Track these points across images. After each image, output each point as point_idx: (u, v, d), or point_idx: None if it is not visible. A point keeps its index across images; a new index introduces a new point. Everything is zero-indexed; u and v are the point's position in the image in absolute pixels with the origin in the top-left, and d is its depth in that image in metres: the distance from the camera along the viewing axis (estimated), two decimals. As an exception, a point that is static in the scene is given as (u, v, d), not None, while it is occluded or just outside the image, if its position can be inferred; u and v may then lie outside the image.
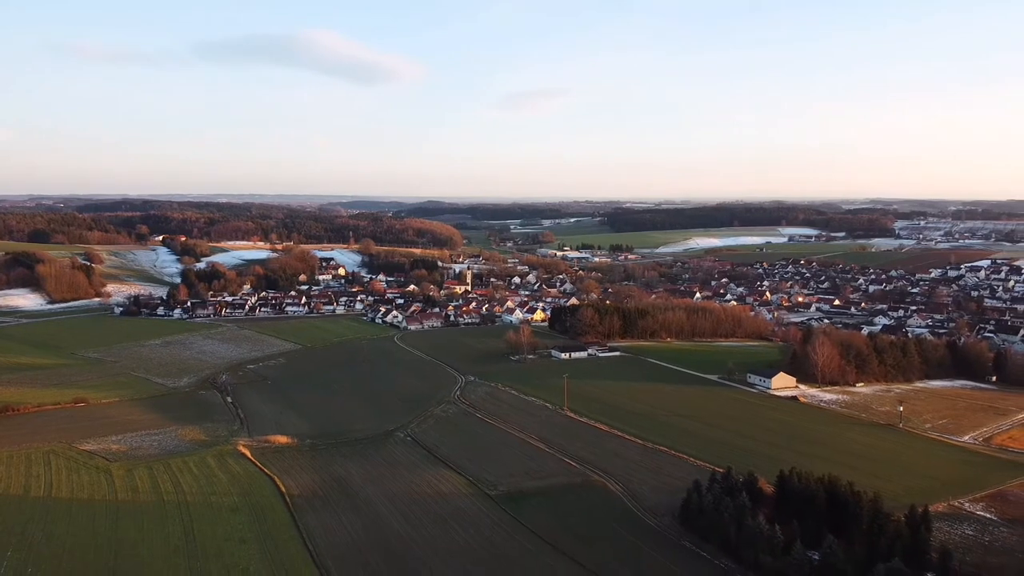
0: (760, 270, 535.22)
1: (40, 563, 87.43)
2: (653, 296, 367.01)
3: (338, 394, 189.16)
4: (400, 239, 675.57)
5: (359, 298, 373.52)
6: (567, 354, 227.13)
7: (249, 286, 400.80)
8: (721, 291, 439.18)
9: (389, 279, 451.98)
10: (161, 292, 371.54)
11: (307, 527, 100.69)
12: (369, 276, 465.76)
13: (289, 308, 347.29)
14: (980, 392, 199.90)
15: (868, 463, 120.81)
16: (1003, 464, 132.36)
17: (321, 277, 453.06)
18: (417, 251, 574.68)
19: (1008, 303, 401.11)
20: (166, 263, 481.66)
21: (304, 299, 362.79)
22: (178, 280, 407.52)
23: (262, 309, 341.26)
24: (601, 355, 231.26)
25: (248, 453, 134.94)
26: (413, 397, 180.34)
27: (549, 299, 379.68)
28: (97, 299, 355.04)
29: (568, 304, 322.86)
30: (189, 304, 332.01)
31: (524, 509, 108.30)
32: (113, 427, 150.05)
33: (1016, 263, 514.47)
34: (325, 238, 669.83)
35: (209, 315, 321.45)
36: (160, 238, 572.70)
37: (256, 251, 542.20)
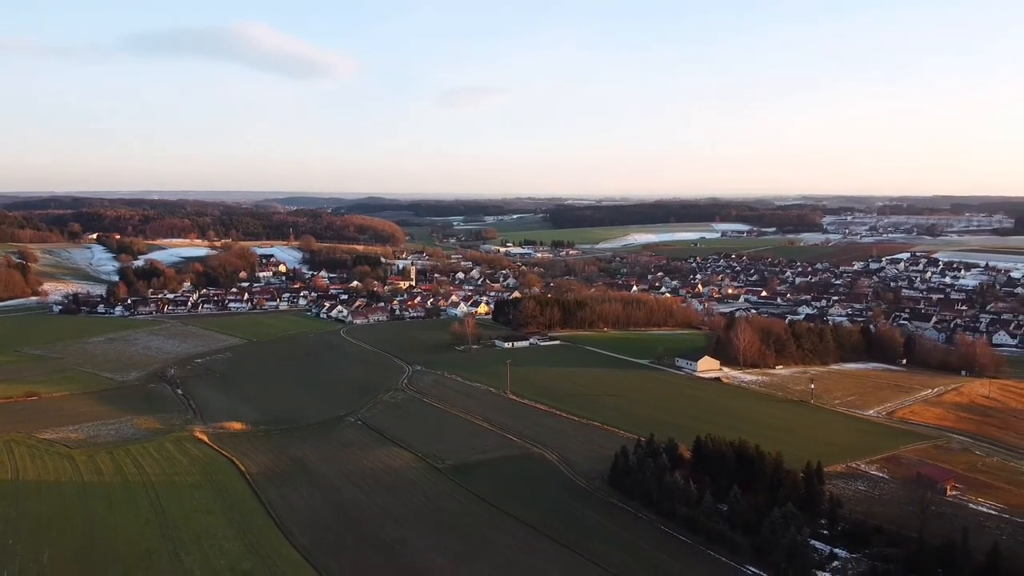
0: (694, 264, 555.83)
1: (19, 536, 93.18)
2: (592, 289, 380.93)
3: (288, 385, 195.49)
4: (341, 236, 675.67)
5: (302, 294, 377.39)
6: (510, 343, 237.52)
7: (189, 283, 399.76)
8: (656, 284, 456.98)
9: (331, 275, 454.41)
10: (99, 290, 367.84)
11: (269, 500, 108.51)
12: (311, 273, 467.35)
13: (232, 305, 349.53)
14: (889, 373, 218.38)
15: (778, 433, 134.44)
16: (900, 433, 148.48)
17: (262, 274, 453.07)
18: (359, 248, 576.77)
19: (924, 293, 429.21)
20: (102, 261, 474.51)
21: (247, 296, 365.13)
22: (116, 278, 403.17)
23: (204, 306, 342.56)
24: (542, 344, 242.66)
25: (205, 438, 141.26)
26: (362, 386, 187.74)
27: (492, 293, 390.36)
28: (35, 298, 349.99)
29: (511, 297, 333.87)
30: (130, 302, 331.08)
31: (470, 478, 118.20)
32: (69, 418, 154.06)
33: (934, 255, 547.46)
34: (264, 235, 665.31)
35: (151, 312, 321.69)
36: (94, 236, 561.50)
37: (194, 248, 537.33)
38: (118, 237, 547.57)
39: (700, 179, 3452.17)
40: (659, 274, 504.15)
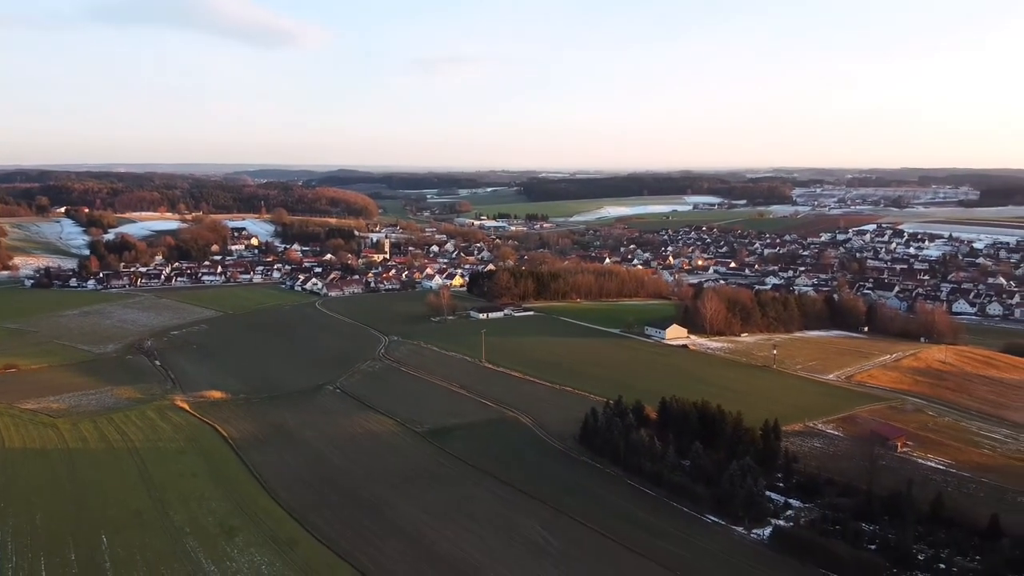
0: (665, 236, 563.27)
1: (10, 500, 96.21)
2: (566, 262, 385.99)
3: (266, 355, 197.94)
4: (313, 209, 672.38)
5: (276, 267, 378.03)
6: (485, 314, 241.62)
7: (161, 257, 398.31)
8: (629, 256, 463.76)
9: (304, 249, 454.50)
10: (70, 264, 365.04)
11: (253, 463, 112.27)
12: (284, 246, 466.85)
13: (205, 277, 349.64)
14: (851, 340, 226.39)
15: (740, 395, 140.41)
16: (858, 395, 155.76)
17: (234, 247, 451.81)
18: (332, 220, 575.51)
19: (888, 263, 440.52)
20: (72, 235, 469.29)
21: (220, 268, 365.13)
22: (87, 252, 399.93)
23: (178, 279, 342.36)
24: (516, 315, 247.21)
25: (186, 407, 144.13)
26: (339, 356, 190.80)
27: (467, 266, 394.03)
28: (5, 272, 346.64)
29: (485, 270, 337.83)
30: (103, 275, 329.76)
31: (448, 441, 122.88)
32: (49, 389, 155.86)
33: (900, 227, 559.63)
34: (235, 208, 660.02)
35: (124, 286, 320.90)
36: (63, 210, 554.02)
37: (165, 222, 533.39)
38: (87, 211, 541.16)
39: (674, 152, 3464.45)
40: (631, 246, 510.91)
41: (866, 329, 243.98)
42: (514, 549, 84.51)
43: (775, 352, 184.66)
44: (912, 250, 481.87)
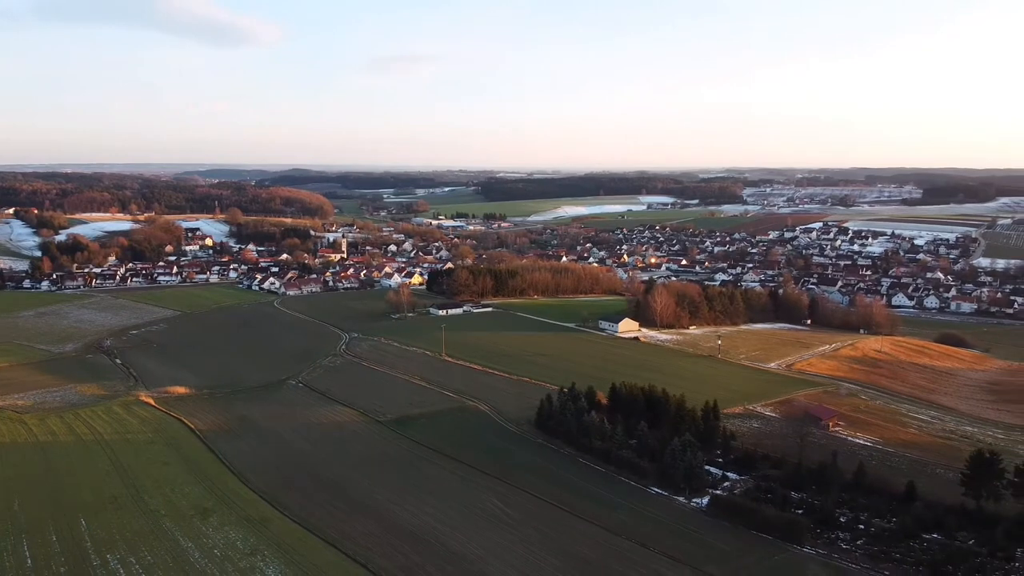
0: (620, 235, 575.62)
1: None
2: (524, 260, 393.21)
3: (227, 353, 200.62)
4: (267, 208, 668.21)
5: (232, 267, 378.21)
6: (444, 311, 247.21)
7: (114, 258, 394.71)
8: (585, 255, 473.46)
9: (260, 249, 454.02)
10: (21, 266, 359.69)
11: (221, 451, 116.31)
12: (239, 246, 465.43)
13: (161, 278, 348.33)
14: (793, 332, 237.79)
15: (686, 382, 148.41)
16: (796, 381, 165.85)
17: (188, 248, 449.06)
18: (288, 220, 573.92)
19: (833, 260, 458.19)
20: (22, 236, 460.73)
21: (176, 269, 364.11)
22: (38, 253, 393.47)
23: (133, 279, 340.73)
24: (475, 311, 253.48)
25: (151, 401, 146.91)
26: (300, 352, 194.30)
27: (426, 265, 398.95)
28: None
29: (444, 268, 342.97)
30: (56, 276, 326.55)
31: (410, 429, 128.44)
32: (11, 387, 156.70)
33: (845, 225, 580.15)
34: (188, 208, 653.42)
35: (79, 286, 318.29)
36: (11, 211, 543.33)
37: (117, 222, 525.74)
38: (37, 212, 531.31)
39: (630, 153, 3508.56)
40: (588, 245, 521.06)
41: (809, 322, 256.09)
42: (473, 520, 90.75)
43: (720, 343, 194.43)
44: (856, 247, 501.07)
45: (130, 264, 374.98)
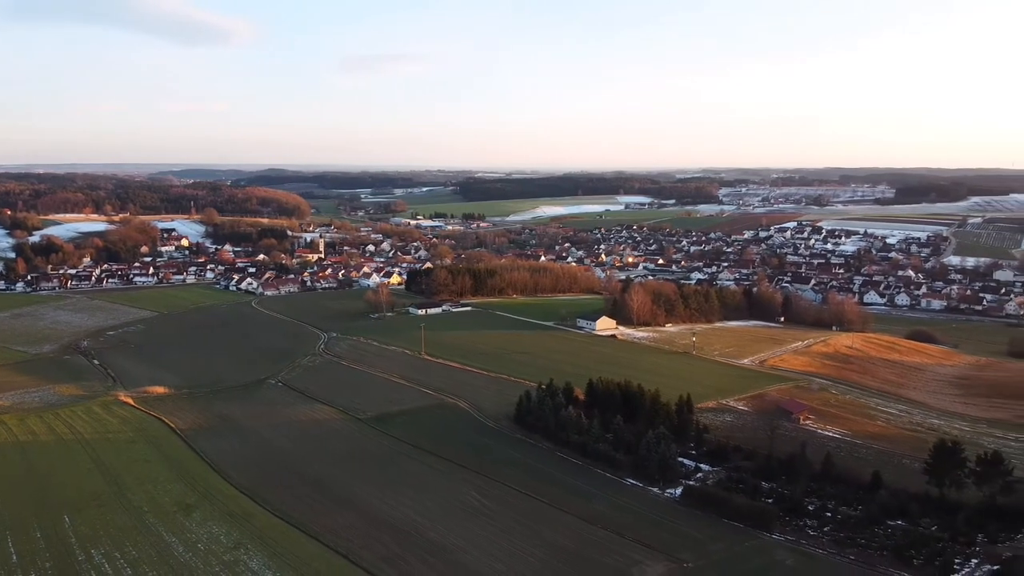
0: (598, 235, 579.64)
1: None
2: (503, 260, 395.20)
3: (205, 353, 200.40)
4: (244, 209, 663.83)
5: (209, 267, 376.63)
6: (423, 310, 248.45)
7: (89, 259, 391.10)
8: (563, 254, 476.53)
9: (236, 249, 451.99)
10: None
11: (202, 449, 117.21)
12: (215, 247, 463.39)
13: (137, 279, 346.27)
14: (767, 329, 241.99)
15: (662, 378, 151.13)
16: (768, 377, 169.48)
17: (164, 248, 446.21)
18: (264, 221, 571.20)
19: (807, 258, 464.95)
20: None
21: (152, 269, 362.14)
22: (12, 255, 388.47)
23: (109, 280, 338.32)
24: (454, 310, 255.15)
25: (131, 401, 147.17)
26: (280, 352, 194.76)
27: (404, 264, 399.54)
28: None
29: (423, 268, 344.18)
30: (31, 278, 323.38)
31: (390, 426, 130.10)
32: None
33: (819, 224, 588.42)
34: (163, 208, 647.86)
35: (54, 288, 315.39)
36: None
37: (92, 223, 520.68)
38: (10, 213, 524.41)
39: (607, 153, 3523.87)
40: (566, 245, 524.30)
41: (782, 319, 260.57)
42: (453, 512, 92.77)
43: (695, 340, 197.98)
44: (829, 246, 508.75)
45: (105, 265, 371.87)
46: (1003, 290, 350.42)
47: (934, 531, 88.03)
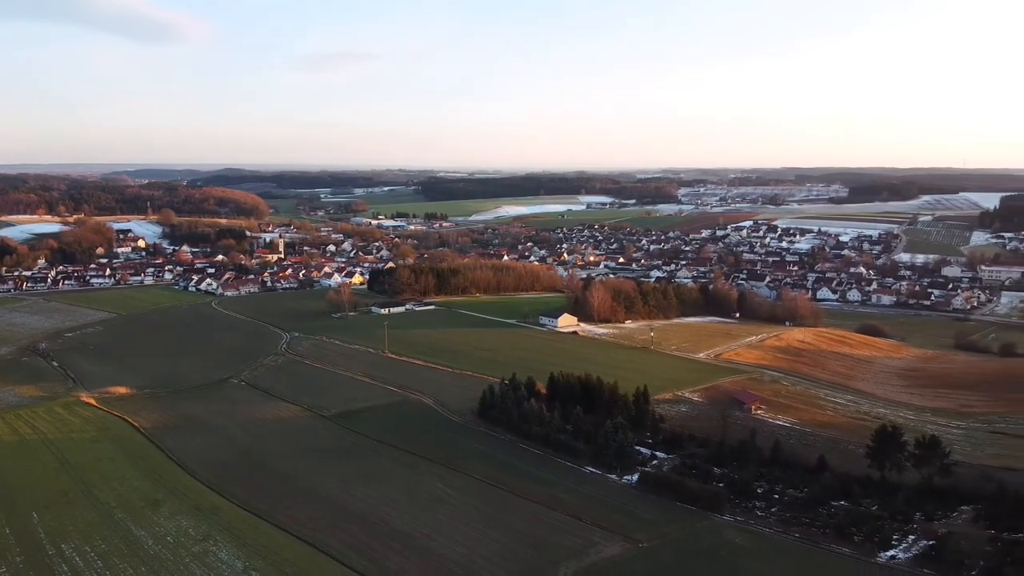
0: (561, 235, 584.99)
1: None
2: (466, 259, 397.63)
3: (166, 354, 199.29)
4: (201, 209, 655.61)
5: (167, 269, 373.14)
6: (386, 310, 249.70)
7: (44, 260, 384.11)
8: (526, 253, 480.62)
9: (194, 250, 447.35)
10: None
11: (167, 447, 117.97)
12: (173, 247, 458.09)
13: (94, 280, 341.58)
14: (723, 324, 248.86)
15: (621, 371, 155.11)
16: (723, 369, 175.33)
17: (120, 250, 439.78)
18: (222, 221, 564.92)
19: (762, 256, 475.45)
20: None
21: (109, 271, 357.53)
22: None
23: (66, 282, 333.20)
24: (418, 309, 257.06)
25: (93, 402, 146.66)
26: (242, 352, 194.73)
27: (366, 264, 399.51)
28: None
29: (385, 267, 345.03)
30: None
31: (355, 422, 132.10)
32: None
33: (774, 223, 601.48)
34: (118, 209, 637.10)
35: (9, 290, 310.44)
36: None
37: (45, 224, 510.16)
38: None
39: (569, 153, 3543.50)
40: (529, 244, 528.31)
41: (737, 315, 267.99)
42: (418, 502, 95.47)
43: (653, 335, 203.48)
44: (784, 244, 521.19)
45: (61, 267, 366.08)
46: (951, 286, 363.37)
47: (874, 510, 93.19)
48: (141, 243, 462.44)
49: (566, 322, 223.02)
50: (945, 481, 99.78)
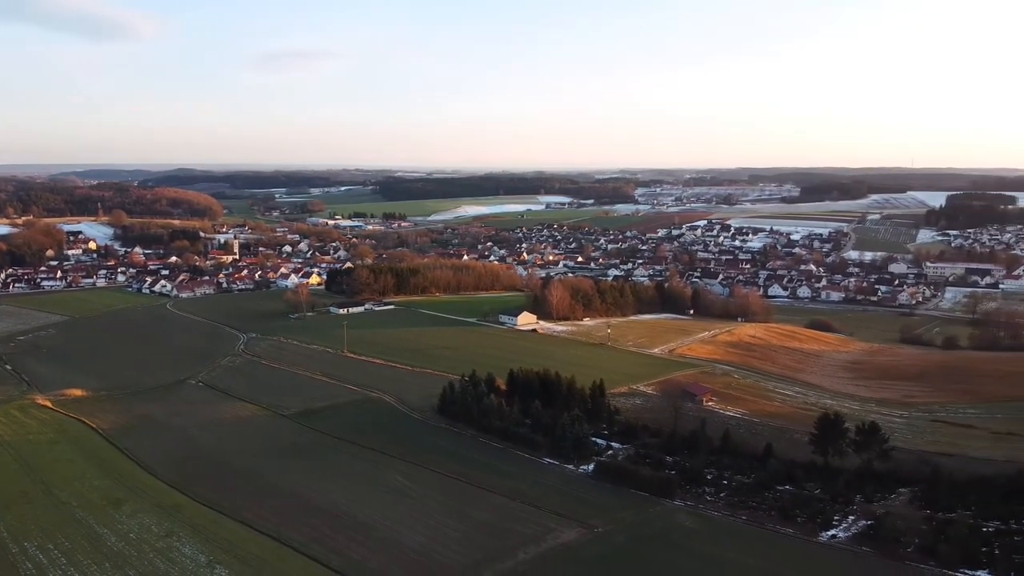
0: (520, 234, 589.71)
1: None
2: (425, 259, 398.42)
3: (122, 356, 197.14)
4: (153, 210, 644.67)
5: (120, 271, 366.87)
6: (345, 310, 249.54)
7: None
8: (486, 253, 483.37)
9: (147, 251, 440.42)
10: None
11: (127, 447, 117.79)
12: (125, 249, 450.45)
13: (45, 283, 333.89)
14: (678, 321, 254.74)
15: (579, 367, 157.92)
16: (676, 364, 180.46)
17: (71, 252, 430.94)
18: (176, 222, 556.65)
19: (716, 255, 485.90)
20: None
21: (61, 273, 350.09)
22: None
23: (16, 285, 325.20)
24: (377, 309, 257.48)
25: (49, 404, 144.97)
26: (198, 353, 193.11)
27: (324, 265, 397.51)
28: None
29: (344, 268, 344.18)
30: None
31: (315, 420, 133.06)
32: None
33: (728, 222, 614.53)
34: (68, 211, 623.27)
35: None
36: None
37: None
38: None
39: (528, 153, 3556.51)
40: (489, 244, 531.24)
41: (692, 312, 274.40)
42: (379, 495, 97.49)
43: (610, 332, 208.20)
44: (737, 243, 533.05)
45: (10, 269, 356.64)
46: (897, 282, 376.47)
47: (817, 493, 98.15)
48: (92, 245, 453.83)
49: (525, 320, 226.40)
50: (884, 465, 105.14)
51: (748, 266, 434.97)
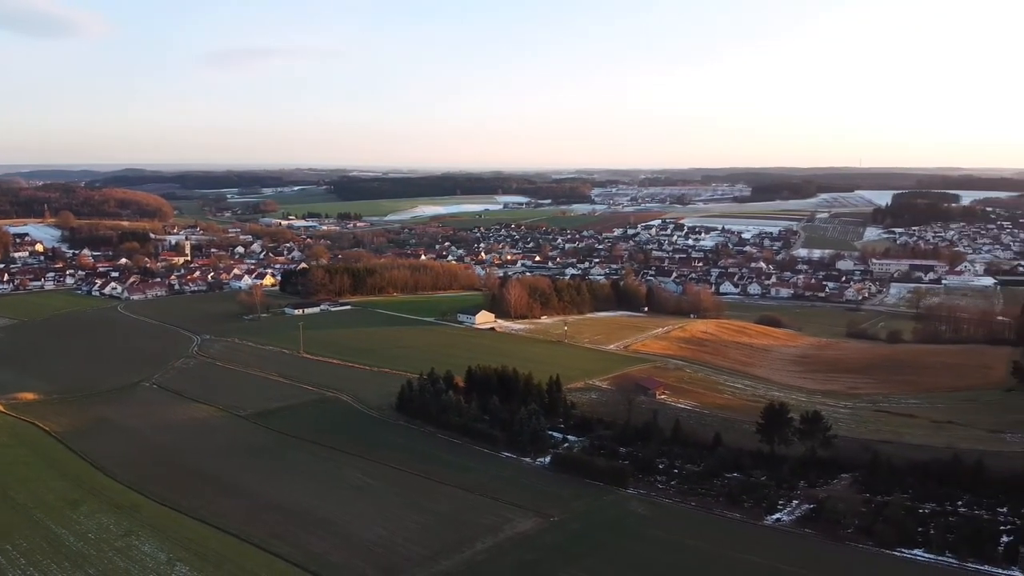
0: (478, 234, 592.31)
1: None
2: (382, 259, 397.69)
3: (73, 359, 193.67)
4: (101, 211, 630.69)
5: (68, 273, 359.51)
6: (300, 310, 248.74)
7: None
8: (444, 253, 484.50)
9: (96, 253, 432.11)
10: None
11: (81, 450, 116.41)
12: (73, 251, 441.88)
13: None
14: (632, 318, 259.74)
15: (536, 364, 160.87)
16: (630, 359, 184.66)
17: (17, 255, 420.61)
18: (125, 223, 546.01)
19: (670, 253, 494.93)
20: None
21: (7, 276, 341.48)
22: None
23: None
24: (333, 309, 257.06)
25: (1, 408, 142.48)
26: (152, 356, 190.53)
27: (278, 265, 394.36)
28: None
29: (298, 268, 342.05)
30: None
31: (272, 420, 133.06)
32: None
33: (681, 221, 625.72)
34: (12, 212, 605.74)
35: None
36: None
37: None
38: None
39: (485, 153, 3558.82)
40: (446, 244, 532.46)
41: (646, 309, 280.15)
42: (338, 492, 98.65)
43: (567, 329, 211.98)
44: (691, 241, 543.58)
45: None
46: (844, 278, 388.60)
47: (763, 480, 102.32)
48: (39, 247, 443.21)
49: (484, 319, 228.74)
50: (827, 452, 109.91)
51: (701, 264, 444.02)
